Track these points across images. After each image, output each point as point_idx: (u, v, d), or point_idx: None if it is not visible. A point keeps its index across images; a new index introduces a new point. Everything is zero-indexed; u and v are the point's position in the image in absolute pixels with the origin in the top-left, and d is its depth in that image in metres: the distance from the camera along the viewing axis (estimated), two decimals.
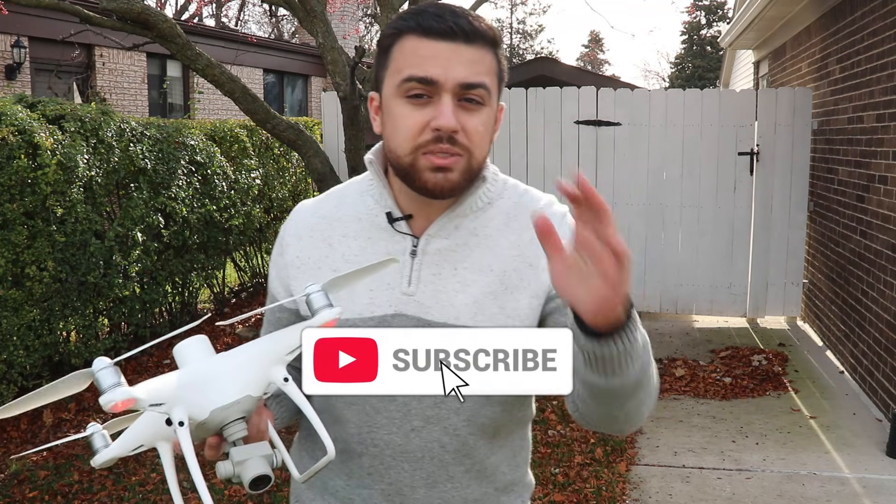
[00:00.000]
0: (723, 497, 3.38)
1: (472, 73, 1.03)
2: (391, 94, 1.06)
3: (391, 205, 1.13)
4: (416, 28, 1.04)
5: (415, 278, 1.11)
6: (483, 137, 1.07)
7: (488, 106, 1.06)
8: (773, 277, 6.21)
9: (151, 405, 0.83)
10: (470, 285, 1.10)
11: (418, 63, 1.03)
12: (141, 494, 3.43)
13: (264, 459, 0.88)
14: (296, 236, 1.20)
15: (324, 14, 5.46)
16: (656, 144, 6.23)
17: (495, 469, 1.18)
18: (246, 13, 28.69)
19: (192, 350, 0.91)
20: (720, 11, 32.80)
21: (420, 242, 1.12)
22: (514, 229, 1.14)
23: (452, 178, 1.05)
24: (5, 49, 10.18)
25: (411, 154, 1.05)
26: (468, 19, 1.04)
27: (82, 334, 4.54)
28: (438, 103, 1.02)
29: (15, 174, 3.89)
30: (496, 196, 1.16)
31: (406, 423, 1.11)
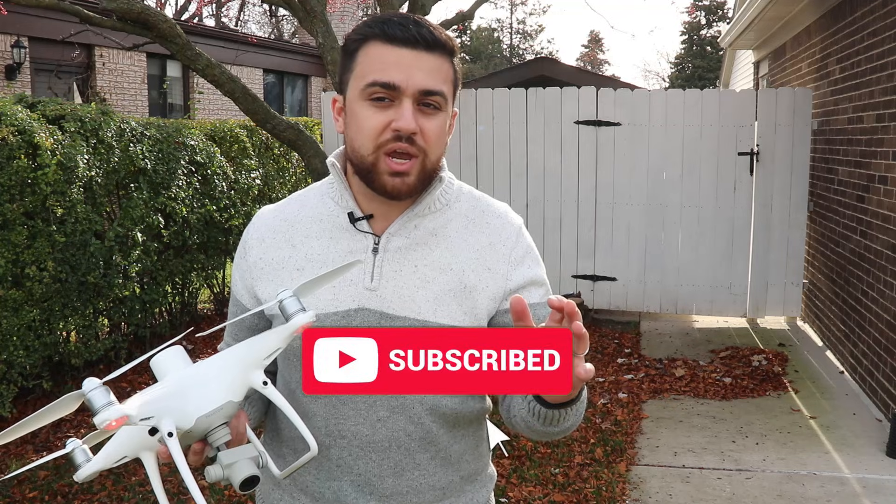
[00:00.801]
0: (723, 497, 3.38)
1: (431, 81, 1.10)
2: (355, 96, 1.12)
3: (352, 205, 1.19)
4: (381, 35, 1.11)
5: (377, 274, 1.16)
6: (438, 140, 1.13)
7: (444, 111, 1.13)
8: (773, 277, 6.21)
9: (142, 419, 0.86)
10: (430, 282, 1.16)
11: (382, 69, 1.09)
12: (141, 494, 3.43)
13: (251, 461, 0.92)
14: (258, 239, 1.24)
15: (324, 14, 5.46)
16: (656, 144, 6.23)
17: (459, 457, 1.23)
18: (246, 13, 28.69)
19: (169, 361, 0.94)
20: (720, 11, 32.80)
21: (381, 240, 1.18)
22: (472, 233, 1.21)
23: (409, 181, 1.12)
24: (5, 49, 10.18)
25: (373, 153, 1.11)
26: (429, 29, 1.11)
27: (82, 334, 4.54)
28: (399, 107, 1.09)
29: (15, 174, 3.89)
30: (453, 199, 1.23)
31: (372, 414, 1.15)
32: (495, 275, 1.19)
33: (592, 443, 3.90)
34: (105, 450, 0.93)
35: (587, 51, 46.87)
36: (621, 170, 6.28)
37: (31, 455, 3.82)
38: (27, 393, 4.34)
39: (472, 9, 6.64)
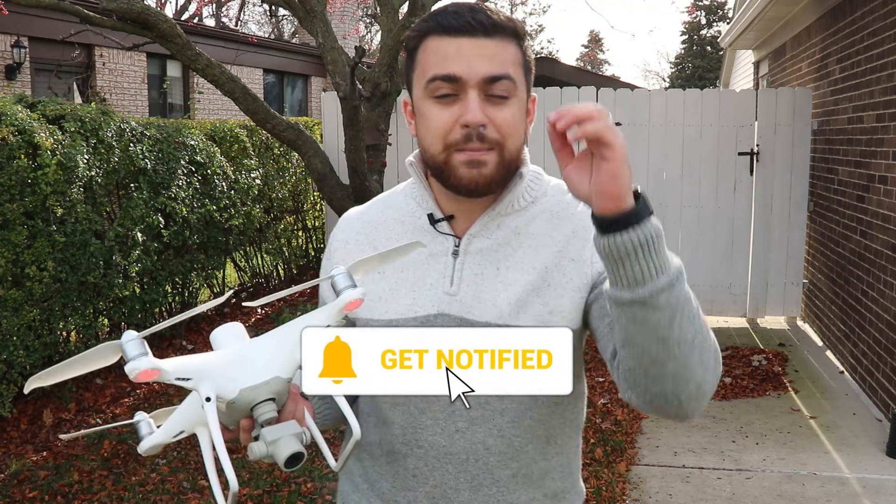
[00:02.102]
0: (723, 497, 3.38)
1: (495, 66, 1.03)
2: (420, 96, 1.08)
3: (432, 206, 1.14)
4: (436, 27, 1.05)
5: (457, 278, 1.12)
6: (514, 128, 1.06)
7: (516, 97, 1.06)
8: (773, 277, 6.21)
9: (178, 378, 0.86)
10: (512, 284, 1.10)
11: (441, 62, 1.04)
12: (141, 494, 3.43)
13: (295, 437, 0.90)
14: (343, 241, 1.22)
15: (324, 14, 5.46)
16: (656, 144, 6.23)
17: (544, 475, 1.16)
18: (246, 13, 28.69)
19: (225, 335, 0.94)
20: (720, 11, 32.80)
21: (462, 242, 1.13)
22: (556, 226, 1.13)
23: (486, 172, 1.05)
24: (5, 49, 10.18)
25: (444, 152, 1.05)
26: (486, 13, 1.05)
27: (82, 334, 4.54)
28: (465, 99, 1.03)
29: (15, 174, 3.89)
30: (539, 195, 1.16)
31: (450, 424, 1.11)
32: (579, 263, 1.11)
33: (592, 443, 3.91)
34: (166, 424, 0.94)
35: (587, 51, 46.87)
36: None
37: (30, 455, 3.83)
38: (26, 393, 4.34)
39: None
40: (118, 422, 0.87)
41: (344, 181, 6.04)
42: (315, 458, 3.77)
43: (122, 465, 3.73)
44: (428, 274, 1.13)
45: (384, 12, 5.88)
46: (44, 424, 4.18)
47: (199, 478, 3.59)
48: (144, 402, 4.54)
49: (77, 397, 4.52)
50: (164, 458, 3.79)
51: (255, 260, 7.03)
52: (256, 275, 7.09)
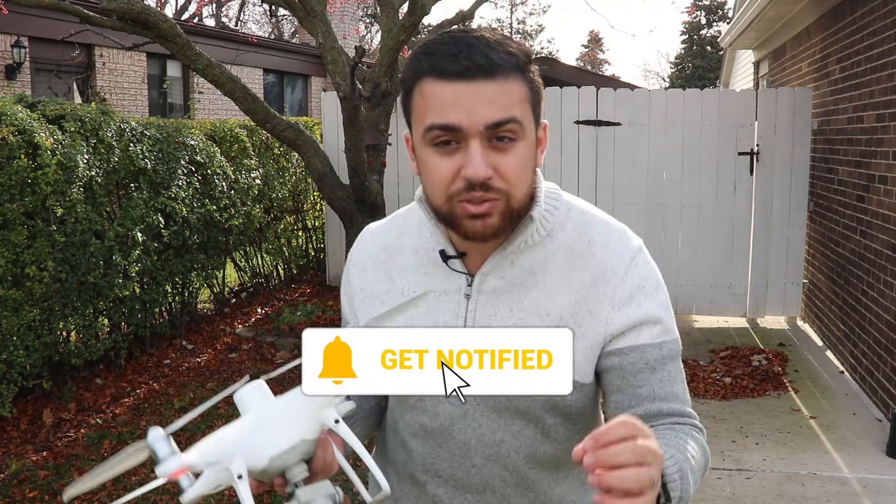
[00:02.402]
0: (723, 497, 3.38)
1: (498, 111, 0.96)
2: (419, 141, 1.02)
3: (444, 242, 1.10)
4: (430, 71, 0.97)
5: (470, 319, 1.09)
6: (521, 174, 1.00)
7: (523, 139, 0.99)
8: (773, 277, 6.21)
9: (208, 464, 0.89)
10: None
11: (439, 109, 0.96)
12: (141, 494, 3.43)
13: (328, 499, 0.92)
14: (360, 267, 1.20)
15: (324, 14, 5.46)
16: (656, 144, 6.23)
17: (561, 499, 1.17)
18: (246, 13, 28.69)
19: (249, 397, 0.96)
20: (720, 11, 32.79)
21: (475, 281, 1.09)
22: (575, 269, 1.08)
23: (491, 222, 1.00)
24: (5, 49, 10.18)
25: (447, 203, 1.00)
26: (484, 52, 0.96)
27: (82, 334, 4.54)
28: (467, 149, 0.96)
29: (15, 174, 3.89)
30: (556, 227, 1.10)
31: (466, 461, 1.12)
32: (595, 319, 1.06)
33: None
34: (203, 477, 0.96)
35: (587, 51, 46.87)
36: (621, 170, 6.28)
37: (30, 455, 3.83)
38: (27, 393, 4.34)
39: (472, 9, 6.63)
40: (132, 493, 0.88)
41: (344, 181, 6.04)
42: None
43: None
44: (441, 313, 1.11)
45: (384, 12, 5.88)
46: (44, 424, 4.18)
47: None
48: (144, 402, 4.54)
49: (77, 397, 4.52)
50: None
51: (255, 260, 7.03)
52: (256, 275, 7.09)
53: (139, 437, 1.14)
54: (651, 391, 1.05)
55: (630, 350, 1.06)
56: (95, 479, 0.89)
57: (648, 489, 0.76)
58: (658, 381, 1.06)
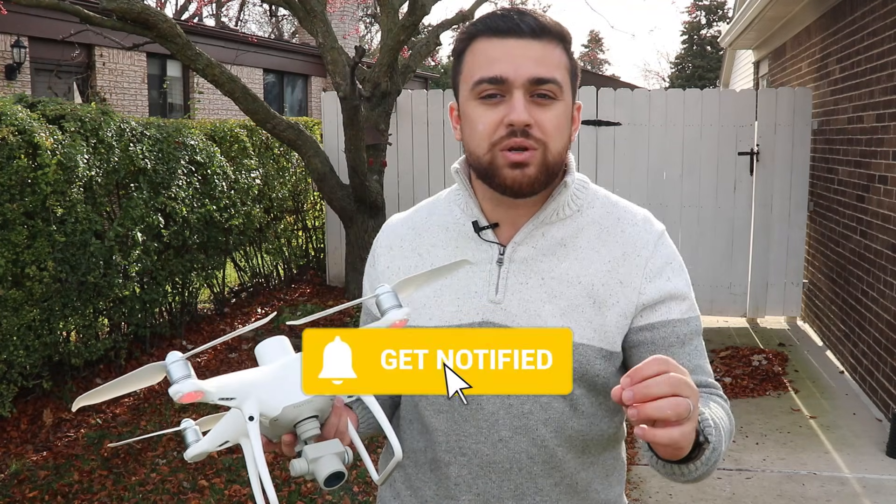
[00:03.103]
0: (723, 497, 3.38)
1: (541, 69, 1.04)
2: (466, 98, 1.08)
3: (477, 213, 1.14)
4: (484, 30, 1.06)
5: (501, 286, 1.11)
6: (558, 131, 1.06)
7: (561, 100, 1.06)
8: (773, 277, 6.21)
9: (221, 398, 0.87)
10: (557, 296, 1.10)
11: (488, 64, 1.04)
12: (141, 494, 3.43)
13: (337, 457, 0.91)
14: (387, 247, 1.22)
15: (324, 14, 5.47)
16: (656, 144, 6.23)
17: (587, 486, 1.16)
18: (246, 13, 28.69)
19: (270, 349, 0.95)
20: (720, 11, 32.79)
21: (507, 250, 1.12)
22: (605, 242, 1.12)
23: (529, 172, 1.05)
24: (5, 49, 10.18)
25: (489, 152, 1.06)
26: (534, 17, 1.06)
27: (82, 334, 4.54)
28: (510, 100, 1.04)
29: (15, 174, 3.89)
30: (585, 204, 1.15)
31: (493, 433, 1.11)
32: (627, 289, 1.10)
33: None
34: (211, 433, 0.95)
35: (587, 51, 46.86)
36: (621, 169, 6.28)
37: (30, 455, 3.83)
38: (27, 393, 4.34)
39: (473, 8, 6.64)
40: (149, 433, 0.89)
41: (344, 181, 6.04)
42: None
43: (121, 465, 3.73)
44: (472, 282, 1.12)
45: (384, 12, 5.88)
46: (44, 424, 4.18)
47: (198, 478, 3.59)
48: (145, 402, 4.54)
49: (77, 397, 4.52)
50: (165, 458, 3.79)
51: (255, 260, 7.03)
52: (256, 275, 7.09)
53: (139, 437, 1.15)
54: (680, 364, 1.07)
55: (661, 325, 1.10)
56: (108, 393, 0.90)
57: (686, 420, 0.81)
58: (687, 354, 1.11)
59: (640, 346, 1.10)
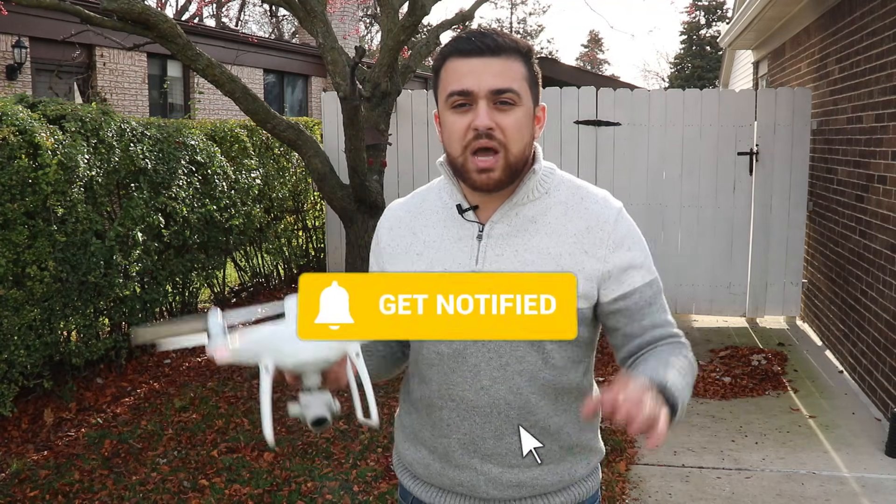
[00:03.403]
0: (722, 496, 3.39)
1: (500, 81, 1.24)
2: (442, 108, 1.30)
3: (460, 198, 1.35)
4: (453, 52, 1.28)
5: (481, 257, 1.32)
6: (518, 132, 1.26)
7: (521, 105, 1.26)
8: (772, 277, 6.22)
9: (245, 359, 1.12)
10: (529, 265, 1.29)
11: (457, 79, 1.26)
12: (141, 494, 3.44)
13: (325, 406, 1.12)
14: (388, 228, 1.45)
15: (324, 14, 5.47)
16: (656, 144, 6.24)
17: (559, 429, 1.36)
18: (246, 13, 28.70)
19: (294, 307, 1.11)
20: (720, 11, 32.79)
21: (485, 228, 1.33)
22: (571, 219, 1.32)
23: (494, 176, 1.26)
24: (6, 49, 10.18)
25: (462, 154, 1.27)
26: (493, 37, 1.26)
27: (83, 334, 4.54)
28: (476, 108, 1.25)
29: (16, 174, 3.89)
30: (552, 187, 1.35)
31: (476, 382, 1.32)
32: (592, 258, 1.30)
33: None
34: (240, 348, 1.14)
35: (587, 51, 46.87)
36: (621, 170, 6.29)
37: (31, 454, 3.83)
38: (28, 392, 4.35)
39: (472, 9, 6.64)
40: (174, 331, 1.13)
41: (344, 181, 6.04)
42: (315, 457, 3.78)
43: (122, 464, 3.73)
44: (457, 255, 1.33)
45: (384, 12, 5.89)
46: (44, 424, 4.19)
47: (199, 477, 3.60)
48: (145, 402, 4.55)
49: (78, 397, 4.53)
50: (165, 457, 3.80)
51: (255, 260, 7.03)
52: (256, 274, 7.09)
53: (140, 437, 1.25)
54: (652, 321, 1.33)
55: (631, 293, 1.32)
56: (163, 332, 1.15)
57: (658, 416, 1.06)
58: (655, 311, 1.34)
59: (617, 314, 1.32)
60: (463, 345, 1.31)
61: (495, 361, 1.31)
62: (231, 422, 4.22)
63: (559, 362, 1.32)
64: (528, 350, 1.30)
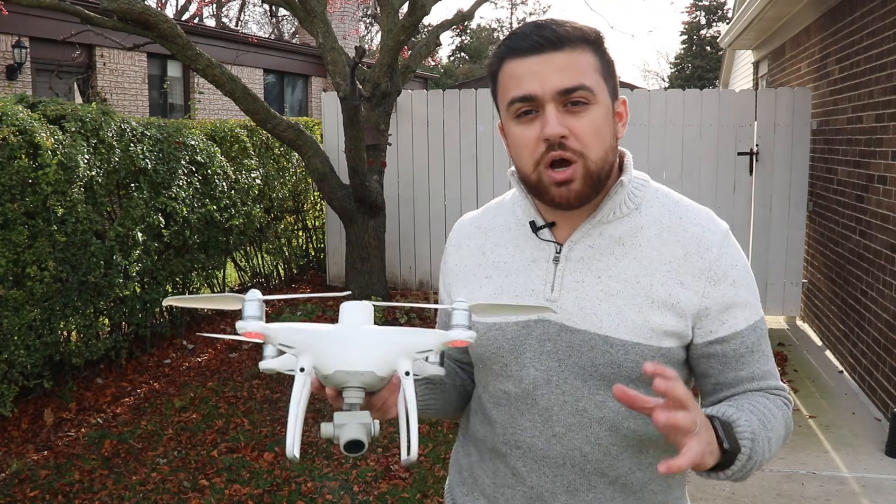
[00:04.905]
0: (722, 496, 3.39)
1: (567, 78, 1.05)
2: (506, 118, 1.11)
3: (534, 214, 1.16)
4: (508, 52, 1.09)
5: (557, 284, 1.13)
6: (596, 136, 1.07)
7: (596, 104, 1.07)
8: (772, 277, 6.22)
9: (282, 344, 0.94)
10: (614, 295, 1.10)
11: (517, 84, 1.07)
12: (141, 494, 3.44)
13: (362, 427, 0.95)
14: (456, 246, 1.28)
15: (324, 14, 5.48)
16: (656, 144, 6.24)
17: (643, 486, 1.16)
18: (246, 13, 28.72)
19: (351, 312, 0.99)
20: (720, 11, 32.80)
21: (563, 249, 1.14)
22: (665, 242, 1.12)
23: (574, 188, 1.06)
24: (6, 49, 10.19)
25: (534, 171, 1.08)
26: (552, 28, 1.07)
27: (83, 334, 4.55)
28: (544, 115, 1.06)
29: (16, 174, 3.90)
30: (644, 202, 1.15)
31: (548, 429, 1.13)
32: (688, 291, 1.09)
33: None
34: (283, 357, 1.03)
35: None
36: None
37: (31, 454, 3.83)
38: (28, 392, 4.35)
39: (472, 9, 6.64)
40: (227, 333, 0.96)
41: (344, 181, 6.04)
42: (315, 457, 3.78)
43: (122, 464, 3.74)
44: (530, 280, 1.15)
45: (384, 13, 5.89)
46: (44, 424, 4.19)
47: (199, 477, 3.60)
48: (145, 402, 4.55)
49: (78, 397, 4.53)
50: (165, 457, 3.80)
51: (255, 260, 7.04)
52: (257, 275, 7.10)
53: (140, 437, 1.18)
54: (751, 372, 1.12)
55: (732, 338, 1.10)
56: (193, 302, 1.00)
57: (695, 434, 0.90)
58: (756, 361, 1.12)
59: (711, 358, 1.11)
60: (533, 385, 1.13)
61: (571, 406, 1.12)
62: (231, 422, 4.23)
63: None
64: (609, 395, 1.10)
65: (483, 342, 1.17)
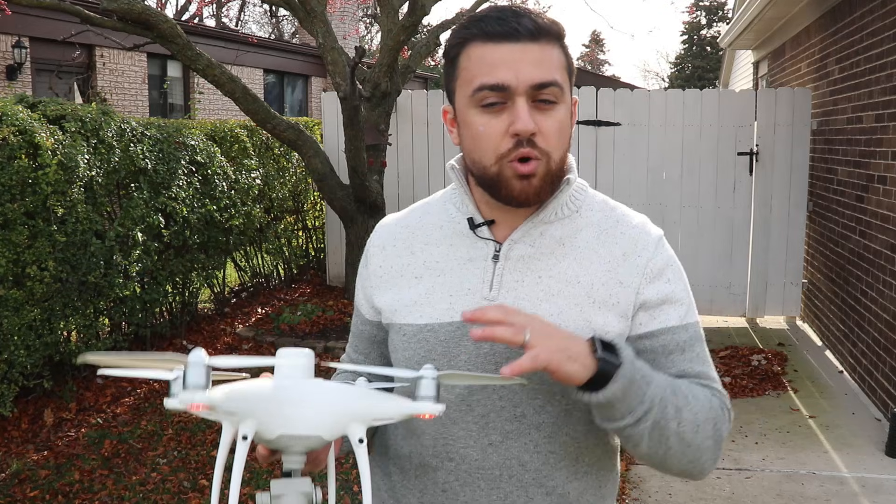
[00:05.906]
0: (722, 496, 3.39)
1: (542, 73, 1.00)
2: (465, 105, 1.04)
3: (473, 210, 1.11)
4: (479, 34, 1.02)
5: (496, 283, 1.08)
6: (560, 138, 1.03)
7: (562, 103, 1.03)
8: (772, 277, 6.22)
9: (225, 411, 0.84)
10: (555, 295, 1.06)
11: (487, 70, 1.00)
12: (141, 494, 3.44)
13: (303, 497, 0.86)
14: (380, 247, 1.19)
15: (324, 14, 5.48)
16: (656, 144, 6.24)
17: (579, 497, 1.11)
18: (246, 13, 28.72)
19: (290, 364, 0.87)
20: (720, 11, 32.80)
21: (503, 248, 1.09)
22: (604, 243, 1.10)
23: (535, 183, 1.02)
24: (6, 49, 10.19)
25: (496, 164, 1.02)
26: (530, 17, 1.02)
27: (83, 334, 4.54)
28: (513, 108, 1.00)
29: (16, 174, 3.90)
30: (584, 206, 1.12)
31: (483, 437, 1.07)
32: (627, 289, 1.07)
33: None
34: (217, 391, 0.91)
35: (587, 51, 46.87)
36: (621, 170, 6.29)
37: (31, 454, 3.83)
38: (28, 392, 4.35)
39: (472, 9, 6.65)
40: None
41: (344, 181, 6.05)
42: None
43: (122, 464, 3.74)
44: (466, 278, 1.09)
45: (384, 13, 5.89)
46: (44, 424, 4.19)
47: (199, 477, 3.60)
48: (145, 402, 4.55)
49: (78, 397, 4.53)
50: (165, 457, 3.80)
51: (255, 260, 7.03)
52: (256, 275, 7.09)
53: (140, 437, 1.13)
54: (682, 370, 1.07)
55: (660, 332, 1.07)
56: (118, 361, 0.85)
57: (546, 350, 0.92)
58: (688, 361, 1.08)
59: (641, 354, 1.07)
60: (468, 390, 1.07)
61: (508, 412, 1.06)
62: None
63: (585, 415, 1.08)
64: (549, 399, 1.06)
65: (413, 345, 1.10)
